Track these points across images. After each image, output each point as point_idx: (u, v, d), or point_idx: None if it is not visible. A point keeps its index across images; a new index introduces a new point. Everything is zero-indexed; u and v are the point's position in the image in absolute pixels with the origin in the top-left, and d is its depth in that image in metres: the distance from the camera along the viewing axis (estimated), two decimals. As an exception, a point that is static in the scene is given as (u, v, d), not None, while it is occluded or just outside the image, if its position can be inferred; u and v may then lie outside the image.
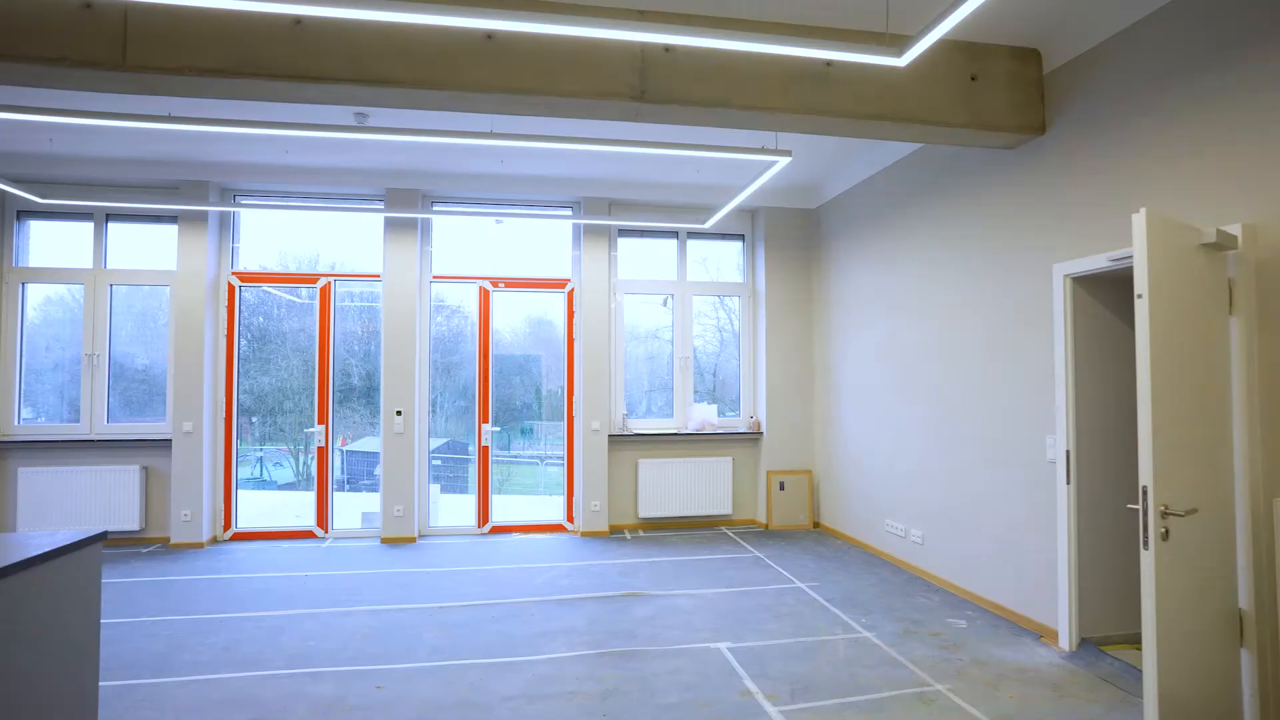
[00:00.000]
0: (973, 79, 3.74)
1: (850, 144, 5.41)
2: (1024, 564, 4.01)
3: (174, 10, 3.16)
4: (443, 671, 3.41)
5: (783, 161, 4.51)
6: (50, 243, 6.13)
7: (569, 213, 6.71)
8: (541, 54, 3.45)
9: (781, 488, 6.74)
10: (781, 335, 6.86)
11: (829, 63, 3.66)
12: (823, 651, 3.66)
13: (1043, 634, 3.83)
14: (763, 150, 4.38)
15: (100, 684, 3.26)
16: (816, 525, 6.77)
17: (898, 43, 3.10)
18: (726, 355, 7.22)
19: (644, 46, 3.51)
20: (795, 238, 6.95)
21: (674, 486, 6.63)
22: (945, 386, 4.75)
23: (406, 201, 6.20)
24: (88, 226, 6.10)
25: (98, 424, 5.99)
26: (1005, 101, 3.78)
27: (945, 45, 3.73)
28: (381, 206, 6.27)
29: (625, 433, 6.62)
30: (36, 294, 6.10)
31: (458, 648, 3.71)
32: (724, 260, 7.21)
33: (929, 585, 4.79)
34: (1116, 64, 3.41)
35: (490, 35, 3.38)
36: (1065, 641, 3.65)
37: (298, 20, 3.21)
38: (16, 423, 5.94)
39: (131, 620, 4.11)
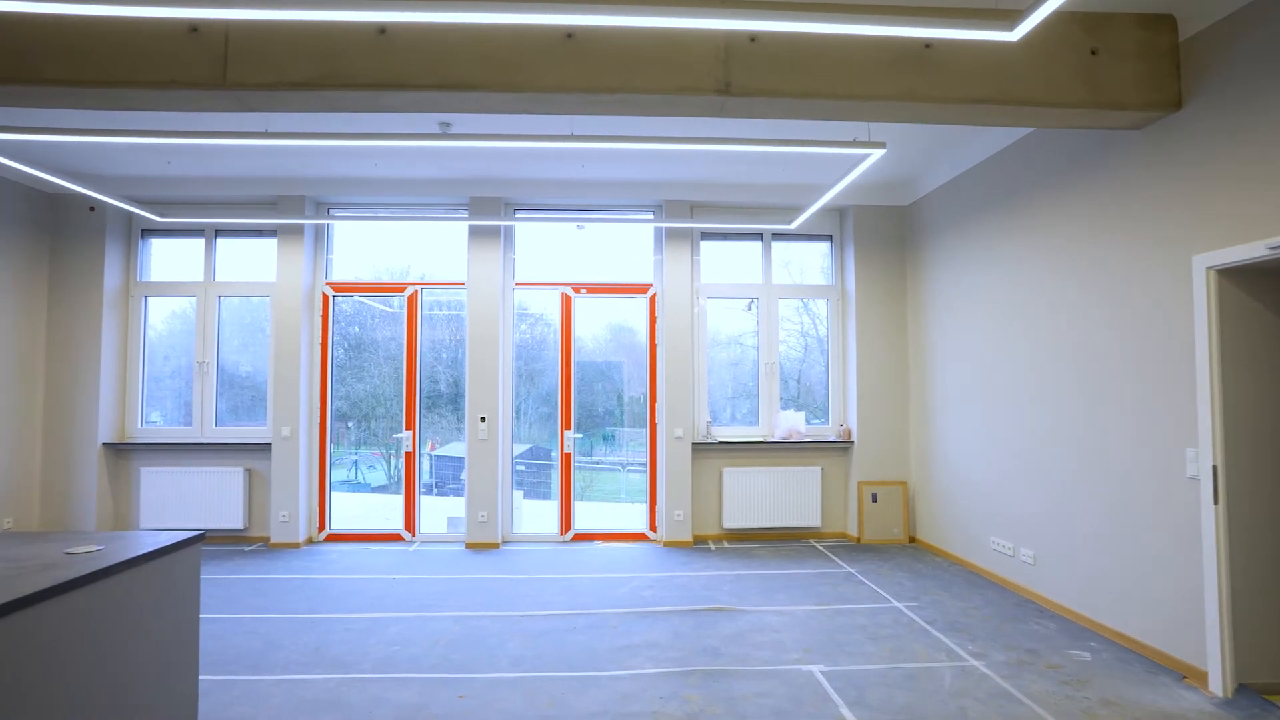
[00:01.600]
0: (1093, 53, 3.38)
1: (948, 134, 5.06)
2: (1161, 592, 3.57)
3: (268, 27, 3.26)
4: (524, 684, 3.35)
5: (876, 154, 4.24)
6: (167, 258, 6.57)
7: (650, 216, 6.63)
8: (621, 51, 3.36)
9: (874, 500, 6.39)
10: (873, 339, 6.52)
11: (928, 43, 3.40)
12: (926, 680, 3.37)
13: (1186, 674, 3.39)
14: (854, 143, 4.14)
15: (203, 678, 3.39)
16: (912, 540, 6.37)
17: (1008, 17, 2.82)
18: (811, 361, 6.93)
19: (728, 37, 3.36)
20: (886, 237, 6.60)
21: (760, 496, 6.40)
22: (1060, 393, 4.33)
23: (489, 209, 6.27)
24: (199, 242, 6.50)
25: (207, 428, 6.36)
26: (1132, 75, 3.40)
27: (1061, 17, 3.40)
28: (465, 215, 6.38)
29: (709, 440, 6.45)
30: (156, 306, 6.54)
31: (539, 659, 3.65)
32: (808, 263, 6.93)
33: (1042, 610, 4.37)
34: (1269, 25, 2.99)
35: (570, 34, 3.32)
36: (1217, 685, 3.20)
37: (382, 29, 3.25)
38: (140, 426, 6.38)
39: (234, 617, 4.28)
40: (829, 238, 6.89)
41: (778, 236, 6.81)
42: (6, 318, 5.74)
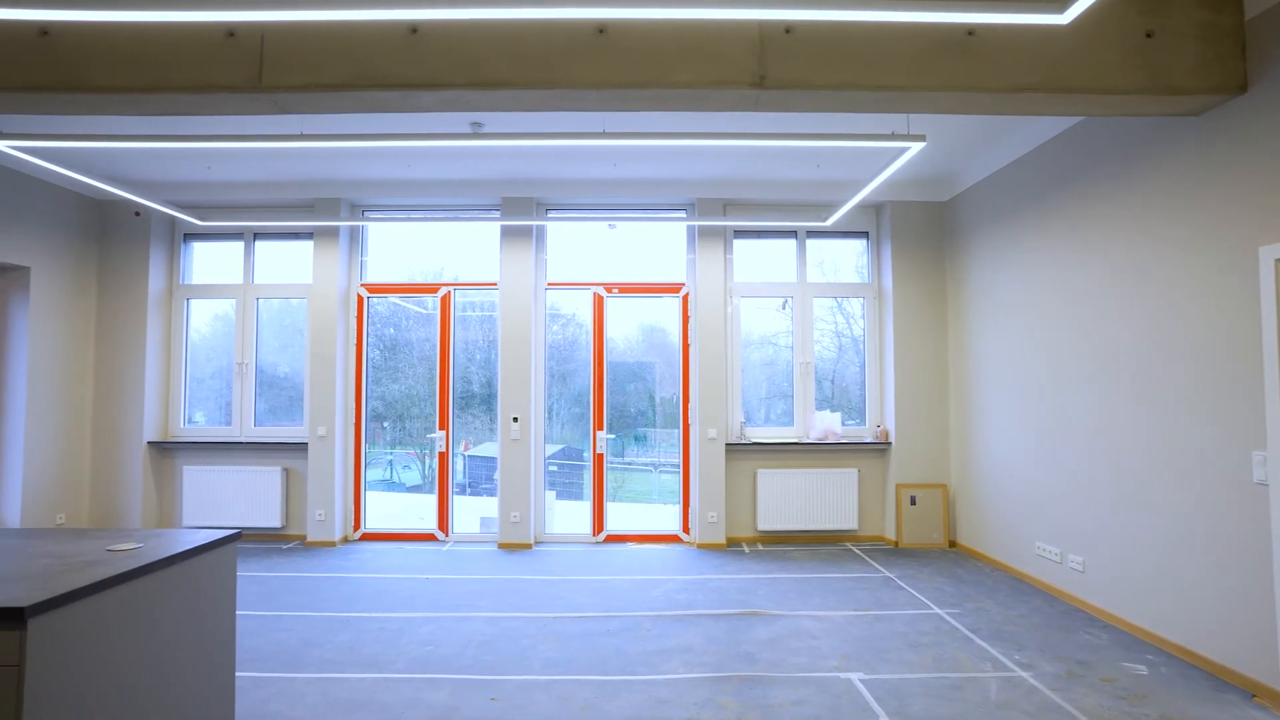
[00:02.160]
0: (1149, 35, 3.22)
1: (990, 126, 4.90)
2: (1227, 603, 3.39)
3: (302, 30, 3.28)
4: (556, 686, 3.31)
5: (916, 147, 4.11)
6: (208, 262, 6.72)
7: (683, 215, 6.56)
8: (653, 45, 3.30)
9: (912, 502, 6.23)
10: (911, 338, 6.36)
11: (971, 30, 3.27)
12: (970, 691, 3.24)
13: (1256, 692, 3.19)
14: (893, 136, 4.02)
15: (241, 674, 3.42)
16: (952, 544, 6.19)
17: (1057, 0, 2.70)
18: (845, 361, 6.78)
19: (762, 28, 3.28)
20: (924, 233, 6.43)
21: (795, 498, 6.28)
22: (1114, 393, 4.15)
23: (522, 209, 6.27)
24: (238, 245, 6.63)
25: (246, 427, 6.47)
26: (1192, 58, 3.22)
27: (1114, -1, 3.24)
28: (497, 215, 6.39)
29: (743, 441, 6.35)
30: (197, 308, 6.68)
31: (572, 662, 3.61)
32: (842, 262, 6.79)
33: (1092, 620, 4.19)
34: (1344, 1, 2.81)
35: (602, 29, 3.27)
36: (1285, 701, 3.02)
37: (414, 29, 3.25)
38: (183, 425, 6.53)
39: (272, 614, 4.32)
40: (865, 235, 6.74)
41: (812, 234, 6.68)
42: (59, 320, 5.92)
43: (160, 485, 6.39)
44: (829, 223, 6.05)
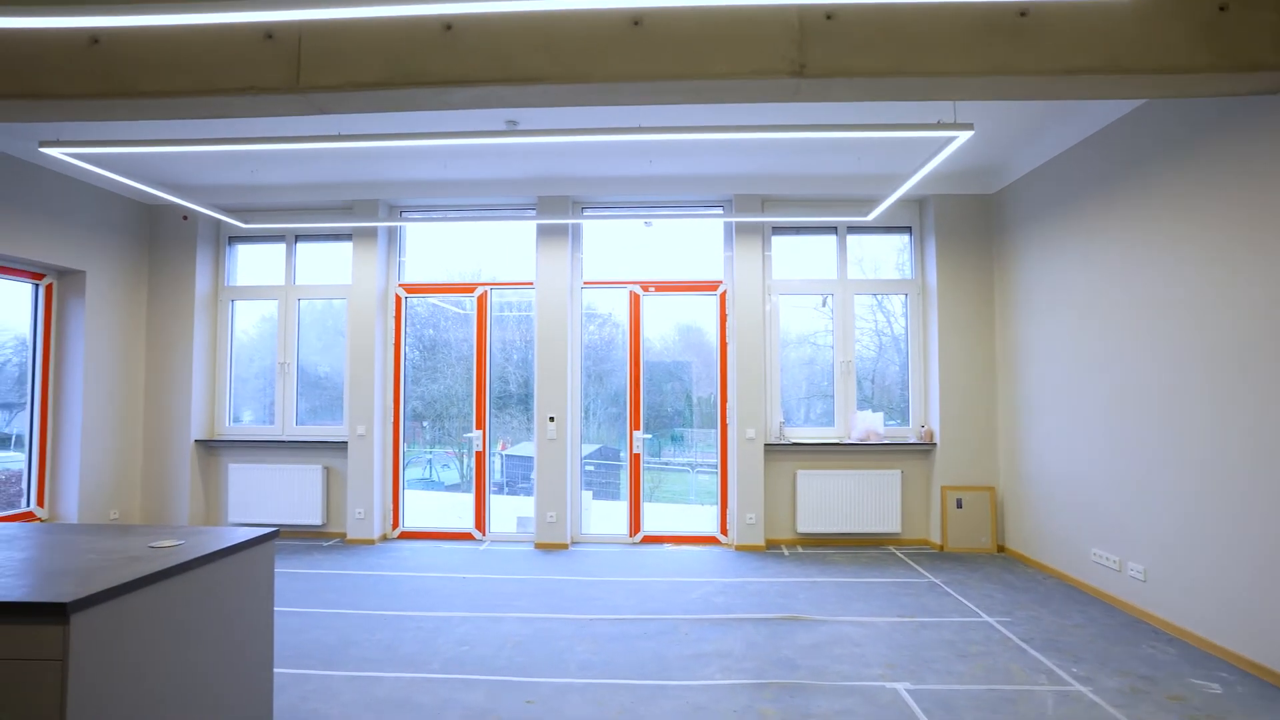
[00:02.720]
0: (1221, 9, 3.02)
1: (1043, 112, 4.70)
2: (1300, 616, 3.16)
3: (338, 30, 3.28)
4: (592, 690, 3.25)
5: (963, 136, 3.95)
6: (252, 263, 6.86)
7: (719, 211, 6.46)
8: (689, 36, 3.22)
9: (958, 505, 6.02)
10: (956, 336, 6.15)
11: (1023, 10, 3.12)
12: (1025, 705, 3.09)
13: (1337, 710, 2.98)
14: (939, 125, 3.87)
15: (281, 671, 3.45)
16: (1001, 549, 5.96)
17: (1120, -28, 2.54)
18: (885, 360, 6.60)
19: (801, 14, 3.18)
20: (970, 227, 6.21)
21: (836, 500, 6.13)
22: (1180, 392, 3.93)
23: (557, 208, 6.25)
24: (280, 247, 6.75)
25: (288, 426, 6.59)
26: (1271, 32, 3.01)
27: (1180, -27, 3.05)
28: (533, 214, 6.38)
29: (782, 442, 6.22)
30: (242, 309, 6.82)
31: (608, 665, 3.55)
32: (882, 259, 6.60)
33: (1156, 632, 3.97)
34: None
35: (637, 20, 3.21)
36: (1374, 724, 2.80)
37: (448, 25, 3.23)
38: (228, 424, 6.67)
39: (312, 611, 4.37)
40: (908, 230, 6.55)
41: (853, 229, 6.52)
42: (113, 322, 6.10)
43: (207, 482, 6.55)
44: (871, 217, 5.89)
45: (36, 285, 5.81)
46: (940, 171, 5.87)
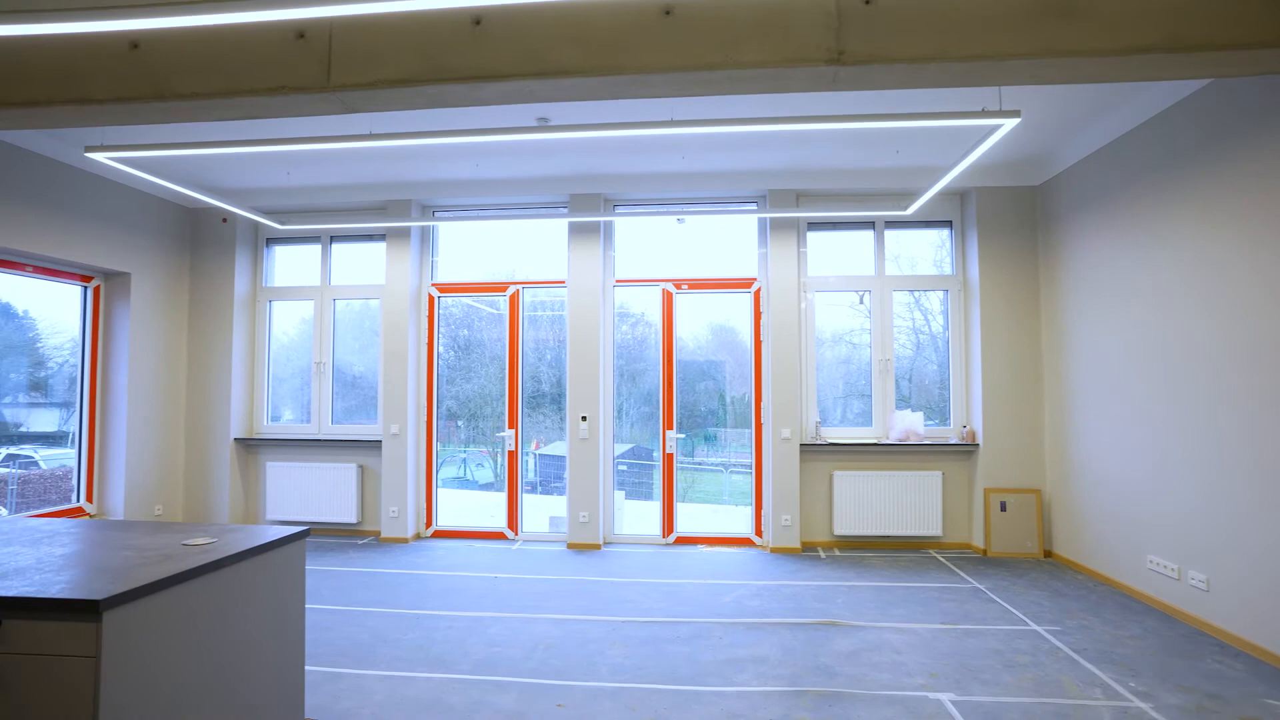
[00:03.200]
0: (1294, -20, 2.83)
1: (1094, 97, 4.49)
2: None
3: (368, 27, 3.28)
4: (625, 695, 3.19)
5: (1009, 124, 3.78)
6: (288, 264, 6.96)
7: (754, 208, 6.35)
8: (721, 24, 3.14)
9: (1002, 508, 5.81)
10: (1000, 333, 5.93)
11: (1077, -11, 2.96)
12: (1079, 720, 2.93)
13: None
14: (984, 113, 3.71)
15: (315, 669, 3.45)
16: (1048, 555, 5.74)
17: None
18: (923, 359, 6.41)
19: (840, -1, 3.06)
20: (1014, 220, 5.99)
21: (874, 502, 5.97)
22: (1241, 391, 3.71)
23: (589, 206, 6.21)
24: (316, 248, 6.83)
25: (324, 425, 6.67)
26: (1347, 4, 2.81)
27: (1248, -57, 2.86)
28: (565, 212, 6.34)
29: (818, 442, 6.09)
30: (279, 310, 6.93)
31: (640, 669, 3.48)
32: (919, 255, 6.41)
33: (1221, 646, 3.75)
34: None
35: (668, 10, 3.13)
36: None
37: (477, 20, 3.19)
38: (266, 423, 6.78)
39: (346, 609, 4.39)
40: (948, 224, 6.35)
41: (891, 224, 6.34)
42: (156, 323, 6.25)
43: (246, 480, 6.66)
44: (910, 211, 5.71)
45: (85, 287, 5.97)
46: (983, 163, 5.68)
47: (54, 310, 5.85)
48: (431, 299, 6.62)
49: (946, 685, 3.27)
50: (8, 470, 5.45)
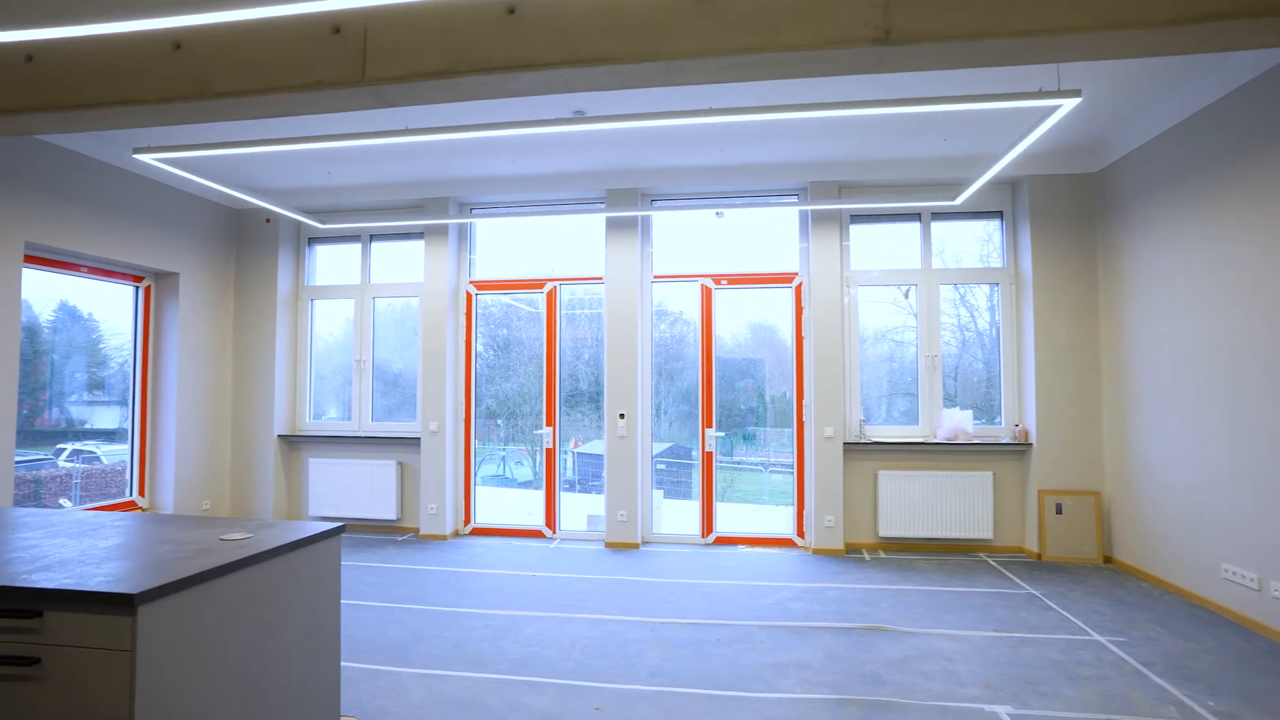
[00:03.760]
0: (1392, -64, 2.59)
1: (1157, 75, 4.23)
2: None
3: (403, 20, 3.25)
4: (663, 699, 3.10)
5: (1069, 105, 3.58)
6: (329, 263, 7.05)
7: (795, 200, 6.19)
8: (760, 5, 3.02)
9: (1058, 511, 5.55)
10: (1055, 328, 5.67)
11: (1145, -45, 2.76)
12: (1150, 738, 2.74)
13: None
14: (1041, 94, 3.51)
15: (352, 665, 3.45)
16: (1107, 560, 5.46)
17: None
18: (969, 356, 6.16)
19: (887, -26, 2.92)
20: (1070, 209, 5.72)
21: (921, 503, 5.76)
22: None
23: (626, 200, 6.13)
24: (356, 247, 6.91)
25: (364, 422, 6.73)
26: None
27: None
28: (602, 208, 6.28)
29: (862, 441, 5.90)
30: (321, 308, 7.02)
31: (679, 672, 3.38)
32: (964, 249, 6.16)
33: (1304, 659, 3.49)
34: None
35: (705, -8, 3.03)
36: None
37: (511, 9, 3.14)
38: (308, 420, 6.88)
39: (385, 606, 4.39)
40: (998, 214, 6.09)
41: (938, 216, 6.12)
42: (204, 322, 6.39)
43: (289, 476, 6.77)
44: (959, 201, 5.50)
45: (136, 287, 6.13)
46: (1036, 150, 5.42)
47: (114, 312, 6.03)
48: (469, 296, 6.63)
49: (1003, 697, 3.10)
50: (73, 465, 5.64)
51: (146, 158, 4.65)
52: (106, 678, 1.79)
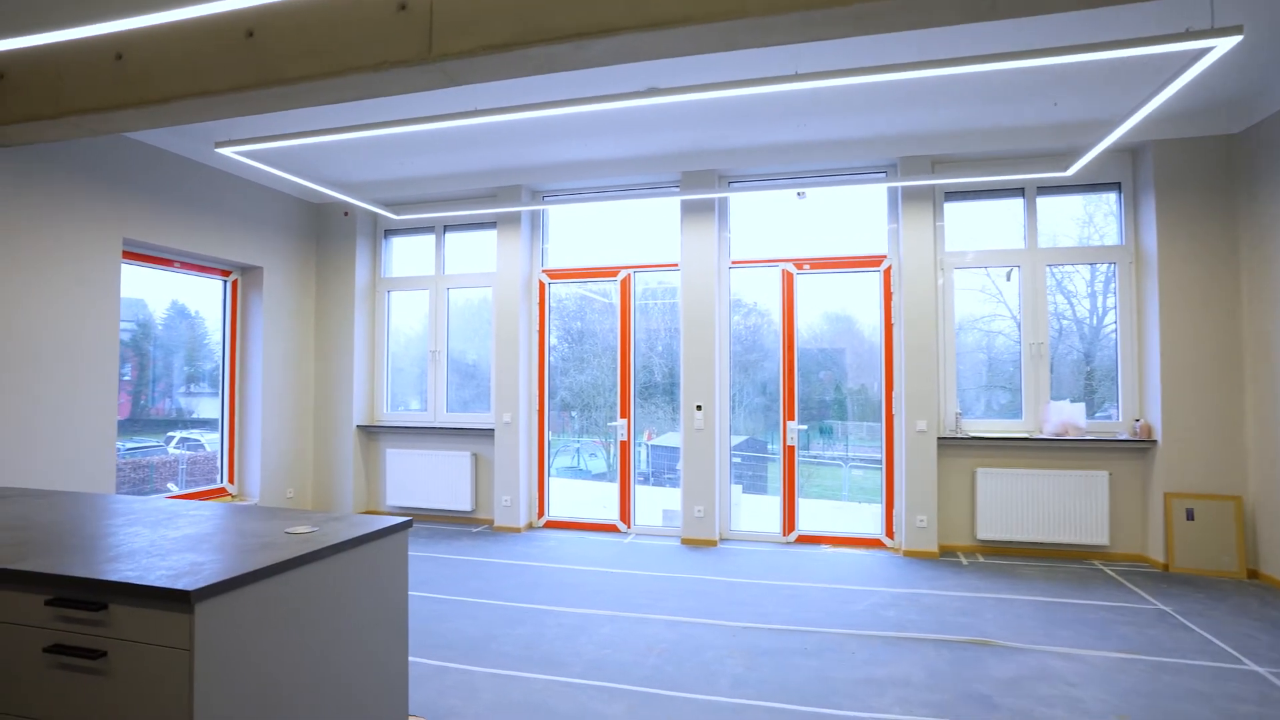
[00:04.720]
0: None
1: (1326, 16, 3.63)
2: None
3: (470, -10, 3.10)
4: (748, 713, 2.85)
5: (1225, 45, 3.04)
6: (405, 255, 7.10)
7: (883, 177, 5.76)
8: (858, -51, 2.70)
9: (1189, 517, 4.95)
10: (1185, 312, 5.05)
11: None
12: (1334, 792, 2.30)
13: None
14: (1188, 34, 3.03)
15: (423, 661, 3.36)
16: (1253, 575, 4.82)
17: None
18: (1067, 344, 5.58)
19: (1006, -98, 2.55)
20: (1204, 178, 5.07)
21: (1024, 503, 5.27)
22: None
23: (702, 183, 5.87)
24: (430, 238, 6.92)
25: (439, 413, 6.74)
26: None
27: None
28: (677, 192, 6.04)
29: (958, 435, 5.45)
30: (397, 300, 7.08)
31: (764, 685, 3.13)
32: (1060, 228, 5.56)
33: None
34: None
35: (792, -62, 2.73)
36: None
37: (581, -30, 2.93)
38: (386, 410, 6.96)
39: (458, 599, 4.32)
40: (1115, 186, 5.49)
41: (1045, 189, 5.56)
42: (287, 314, 6.54)
43: (368, 466, 6.87)
44: (1072, 172, 4.96)
45: (225, 281, 6.32)
46: (1162, 112, 4.83)
47: (215, 308, 6.28)
48: (542, 285, 6.53)
49: (1140, 731, 2.70)
50: (180, 452, 5.93)
51: (228, 151, 4.73)
52: (167, 676, 1.72)
